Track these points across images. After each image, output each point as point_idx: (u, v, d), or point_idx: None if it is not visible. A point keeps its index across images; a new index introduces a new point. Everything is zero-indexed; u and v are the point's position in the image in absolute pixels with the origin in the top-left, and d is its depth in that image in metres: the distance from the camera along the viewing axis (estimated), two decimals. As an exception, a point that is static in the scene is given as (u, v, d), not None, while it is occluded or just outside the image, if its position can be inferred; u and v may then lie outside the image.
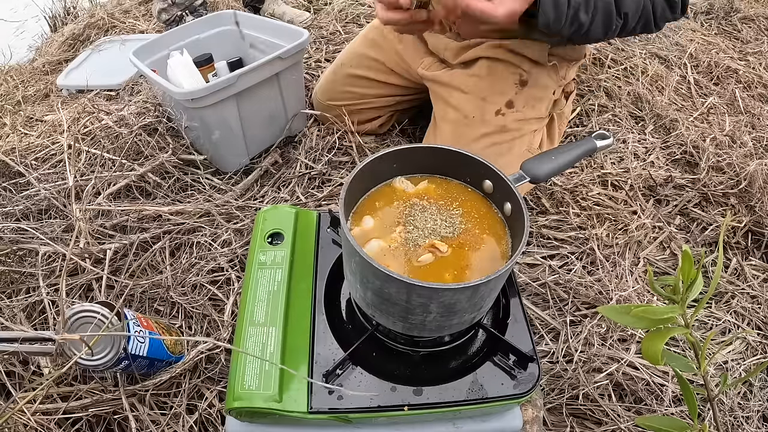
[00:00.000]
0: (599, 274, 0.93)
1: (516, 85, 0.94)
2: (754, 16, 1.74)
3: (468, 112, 0.95)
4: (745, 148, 1.18)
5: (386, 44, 1.07)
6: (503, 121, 0.94)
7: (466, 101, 0.95)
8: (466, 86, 0.96)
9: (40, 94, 1.44)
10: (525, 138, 0.96)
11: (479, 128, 0.94)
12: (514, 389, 0.58)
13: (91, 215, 0.92)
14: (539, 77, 0.94)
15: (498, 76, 0.94)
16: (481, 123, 0.94)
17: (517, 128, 0.95)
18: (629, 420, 0.75)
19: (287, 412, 0.55)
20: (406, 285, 0.48)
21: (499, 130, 0.94)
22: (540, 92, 0.96)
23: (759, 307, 0.91)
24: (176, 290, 0.84)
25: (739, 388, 0.80)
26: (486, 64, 0.94)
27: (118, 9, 1.82)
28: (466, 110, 0.95)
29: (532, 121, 0.96)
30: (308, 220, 0.75)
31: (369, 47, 1.10)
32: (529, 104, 0.95)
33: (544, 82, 0.95)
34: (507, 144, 0.95)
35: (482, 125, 0.94)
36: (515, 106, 0.94)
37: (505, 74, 0.94)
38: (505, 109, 0.94)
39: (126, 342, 0.63)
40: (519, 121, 0.95)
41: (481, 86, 0.95)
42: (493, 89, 0.94)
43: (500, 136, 0.94)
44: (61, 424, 0.70)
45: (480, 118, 0.94)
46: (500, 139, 0.94)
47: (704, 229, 1.04)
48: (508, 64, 0.93)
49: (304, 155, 1.14)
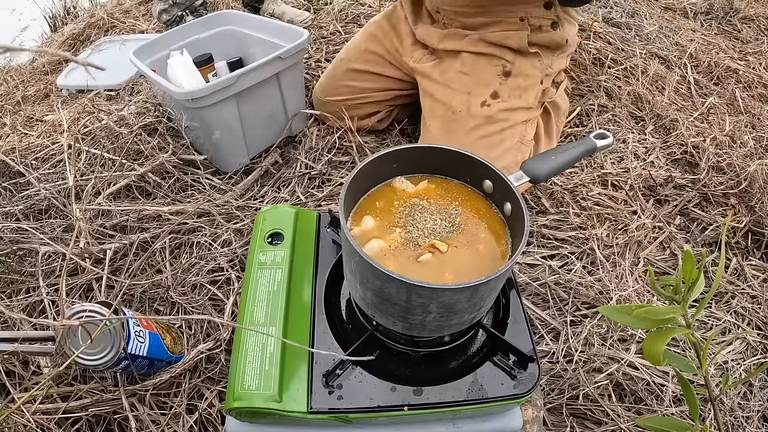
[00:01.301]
0: (599, 274, 0.93)
1: (500, 76, 0.96)
2: (754, 16, 1.74)
3: (455, 107, 0.97)
4: (745, 148, 1.18)
5: (385, 37, 1.10)
6: (489, 112, 0.95)
7: (451, 97, 0.97)
8: (451, 82, 0.98)
9: (40, 94, 1.44)
10: (516, 128, 0.97)
11: (467, 122, 0.96)
12: (514, 389, 0.58)
13: (91, 215, 0.92)
14: (522, 66, 0.97)
15: (481, 69, 0.97)
16: (468, 116, 0.96)
17: (505, 118, 0.96)
18: (629, 420, 0.75)
19: (287, 412, 0.55)
20: (406, 285, 0.48)
21: (486, 121, 0.95)
22: (525, 81, 0.97)
23: (759, 307, 0.91)
24: (176, 290, 0.84)
25: (740, 388, 0.80)
26: (469, 59, 0.97)
27: (118, 9, 1.82)
28: (452, 105, 0.97)
29: (519, 111, 0.97)
30: (308, 220, 0.75)
31: (368, 41, 1.12)
32: (514, 94, 0.97)
33: (528, 71, 0.97)
34: (497, 135, 0.96)
35: (469, 118, 0.96)
36: (500, 96, 0.96)
37: (488, 66, 0.97)
38: (490, 100, 0.96)
39: (126, 342, 0.63)
40: (505, 111, 0.96)
41: (466, 81, 0.97)
42: (478, 82, 0.97)
43: (489, 128, 0.96)
44: (61, 423, 0.70)
45: (466, 111, 0.96)
46: (489, 131, 0.96)
47: (704, 229, 1.04)
48: (491, 56, 0.96)
49: (304, 155, 1.14)
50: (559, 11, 0.96)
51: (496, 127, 0.96)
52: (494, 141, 0.96)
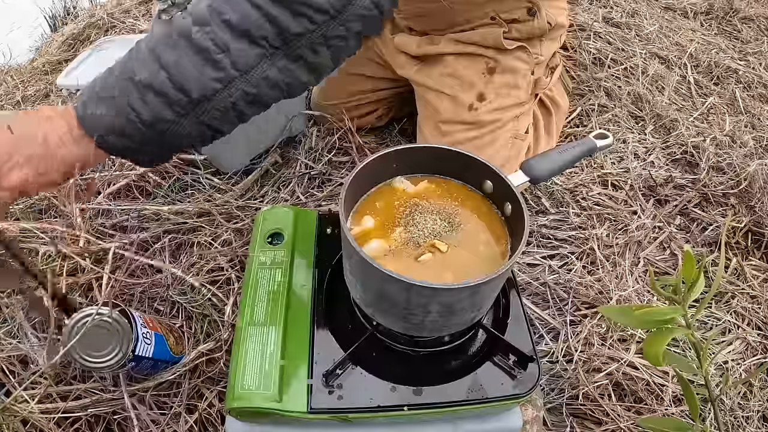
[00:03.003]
0: (599, 274, 0.93)
1: (484, 75, 0.93)
2: (754, 16, 1.74)
3: (442, 113, 0.94)
4: (745, 148, 1.18)
5: (373, 44, 1.09)
6: (476, 116, 0.93)
7: (438, 102, 0.95)
8: (437, 85, 0.95)
9: (40, 94, 1.43)
10: (507, 126, 0.95)
11: (456, 127, 0.94)
12: (514, 389, 0.58)
13: (91, 214, 0.92)
14: (507, 61, 0.92)
15: (464, 69, 0.93)
16: (456, 122, 0.94)
17: (494, 119, 0.93)
18: (629, 420, 0.75)
19: (287, 412, 0.55)
20: (406, 285, 0.48)
21: (476, 125, 0.93)
22: (512, 77, 0.94)
23: (759, 307, 0.91)
24: (176, 289, 0.84)
25: (740, 388, 0.80)
26: (451, 60, 0.94)
27: (118, 9, 1.82)
28: (440, 110, 0.95)
29: (510, 108, 0.94)
30: (308, 220, 0.75)
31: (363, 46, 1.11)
32: (502, 93, 0.93)
33: (514, 66, 0.93)
34: (489, 136, 0.94)
35: (458, 124, 0.93)
36: (487, 97, 0.93)
37: (471, 65, 0.93)
38: (477, 103, 0.92)
39: (135, 344, 0.63)
40: (495, 111, 0.93)
41: (450, 83, 0.94)
42: (462, 83, 0.93)
43: (479, 131, 0.93)
44: (61, 423, 0.70)
45: (454, 116, 0.93)
46: (479, 133, 0.93)
47: (704, 229, 1.04)
48: (472, 55, 0.92)
49: (304, 155, 1.14)
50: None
51: (485, 130, 0.94)
52: (485, 142, 0.94)
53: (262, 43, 0.52)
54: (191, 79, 0.52)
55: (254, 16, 0.50)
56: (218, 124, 0.57)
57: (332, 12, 0.52)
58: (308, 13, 0.51)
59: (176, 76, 0.52)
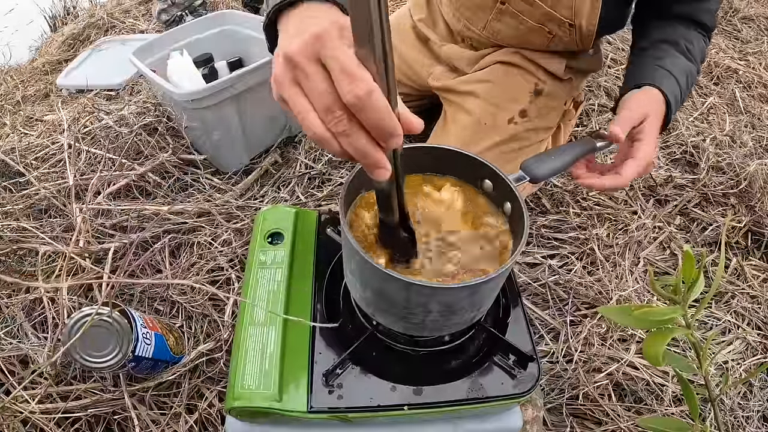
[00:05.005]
0: (599, 274, 0.93)
1: (530, 94, 0.91)
2: (754, 16, 1.74)
3: (480, 118, 0.92)
4: (745, 148, 1.18)
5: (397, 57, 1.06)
6: (515, 130, 0.91)
7: (477, 106, 0.92)
8: (479, 91, 0.93)
9: (40, 94, 1.44)
10: (533, 147, 0.94)
11: (491, 135, 0.92)
12: (514, 389, 0.58)
13: (91, 215, 0.92)
14: (554, 88, 0.92)
15: (512, 83, 0.91)
16: (493, 130, 0.92)
17: (527, 137, 0.93)
18: (629, 420, 0.75)
19: (287, 412, 0.55)
20: (406, 284, 0.48)
21: (510, 138, 0.92)
22: (553, 102, 0.93)
23: (759, 307, 0.91)
24: (176, 289, 0.84)
25: (740, 388, 0.80)
26: (501, 69, 0.91)
27: (118, 9, 1.82)
28: (478, 116, 0.92)
29: (541, 131, 0.94)
30: (308, 220, 0.75)
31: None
32: (541, 113, 0.92)
33: (559, 93, 0.93)
34: (516, 152, 0.93)
35: (494, 132, 0.92)
36: (528, 115, 0.91)
37: (520, 81, 0.91)
38: (518, 118, 0.91)
39: (134, 344, 0.63)
40: (529, 131, 0.92)
41: (495, 92, 0.91)
42: (507, 96, 0.91)
43: (509, 145, 0.92)
44: (61, 423, 0.70)
45: (492, 124, 0.91)
46: (509, 148, 0.92)
47: (704, 229, 1.04)
48: (524, 71, 0.90)
49: (304, 155, 1.14)
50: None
51: (515, 145, 0.92)
52: (511, 157, 0.92)
53: None
54: None
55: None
56: None
57: None
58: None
59: None
